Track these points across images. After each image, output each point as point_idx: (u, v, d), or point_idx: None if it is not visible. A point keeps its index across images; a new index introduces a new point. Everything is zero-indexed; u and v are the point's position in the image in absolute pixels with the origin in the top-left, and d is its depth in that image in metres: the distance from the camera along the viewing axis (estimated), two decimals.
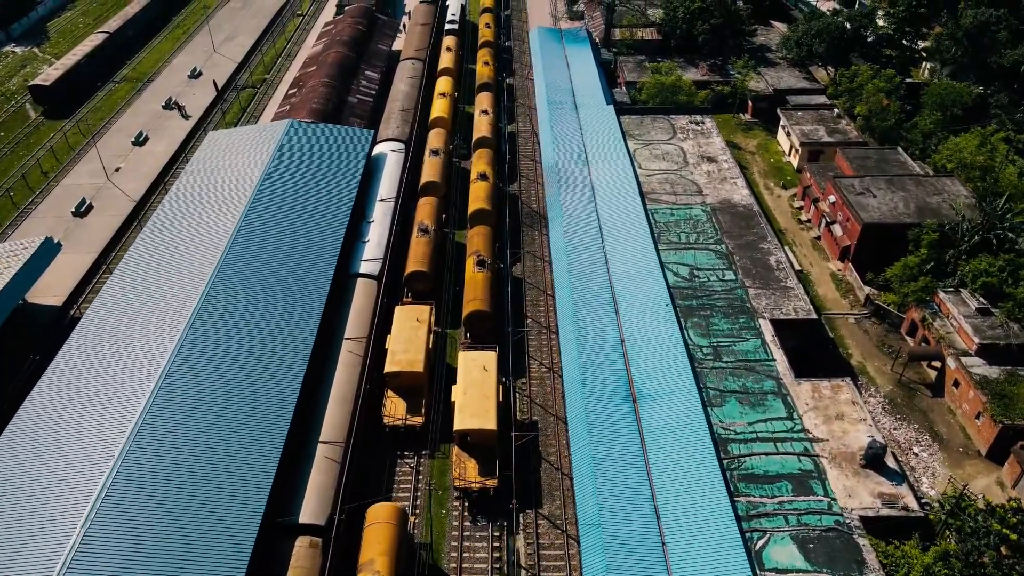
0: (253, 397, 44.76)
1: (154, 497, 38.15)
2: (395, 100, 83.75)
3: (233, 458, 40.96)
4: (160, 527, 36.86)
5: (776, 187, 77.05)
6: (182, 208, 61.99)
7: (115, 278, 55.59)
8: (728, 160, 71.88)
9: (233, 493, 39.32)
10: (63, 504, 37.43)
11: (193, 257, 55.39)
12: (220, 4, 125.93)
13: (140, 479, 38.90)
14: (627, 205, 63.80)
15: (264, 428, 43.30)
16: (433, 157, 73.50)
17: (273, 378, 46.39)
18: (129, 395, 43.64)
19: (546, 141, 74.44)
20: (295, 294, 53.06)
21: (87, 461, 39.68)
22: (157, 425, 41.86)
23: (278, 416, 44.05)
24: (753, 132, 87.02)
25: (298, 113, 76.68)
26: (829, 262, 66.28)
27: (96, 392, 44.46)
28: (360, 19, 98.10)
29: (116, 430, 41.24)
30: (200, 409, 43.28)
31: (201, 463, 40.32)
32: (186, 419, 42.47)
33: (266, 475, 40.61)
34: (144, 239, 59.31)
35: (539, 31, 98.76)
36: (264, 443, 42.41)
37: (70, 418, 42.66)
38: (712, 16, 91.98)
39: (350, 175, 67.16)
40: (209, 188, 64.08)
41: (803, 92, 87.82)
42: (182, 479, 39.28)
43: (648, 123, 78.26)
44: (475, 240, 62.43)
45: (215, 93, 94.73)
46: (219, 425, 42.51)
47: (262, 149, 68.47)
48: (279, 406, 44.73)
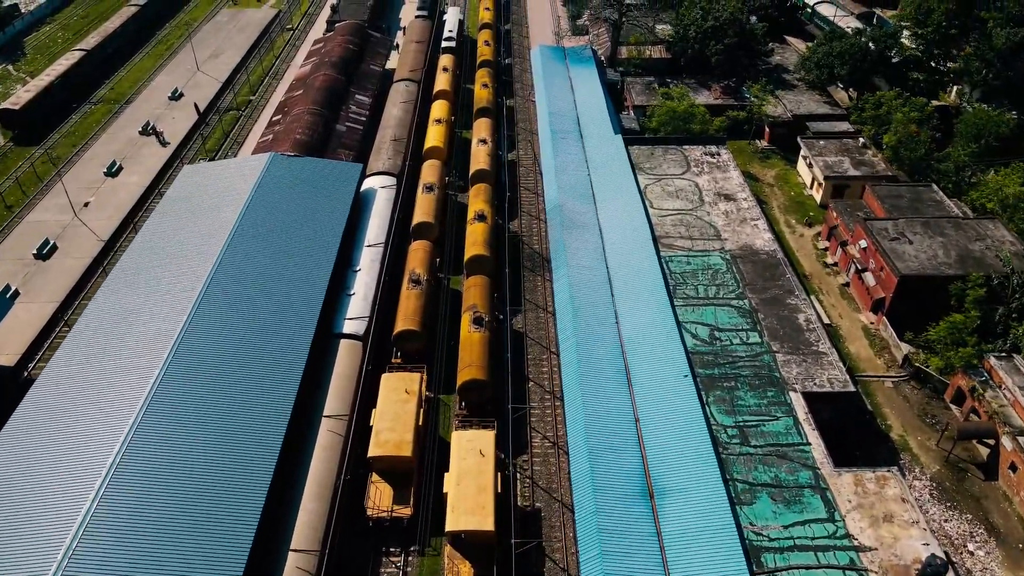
0: (217, 494, 38.99)
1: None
2: (387, 127, 77.94)
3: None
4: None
5: (799, 225, 71.19)
6: (149, 256, 56.23)
7: (73, 337, 49.93)
8: (747, 198, 66.01)
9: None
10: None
11: (157, 317, 49.63)
12: (206, 18, 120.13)
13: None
14: (639, 253, 57.97)
15: (227, 532, 37.54)
16: (427, 193, 67.69)
17: (240, 470, 40.59)
18: (77, 479, 38.25)
19: (549, 176, 68.59)
20: (270, 364, 47.20)
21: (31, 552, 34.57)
22: (104, 522, 36.35)
23: (243, 519, 38.25)
24: (771, 161, 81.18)
25: (281, 144, 70.87)
26: (860, 314, 60.43)
27: (41, 471, 39.13)
28: (351, 37, 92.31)
29: (60, 520, 35.92)
30: (158, 509, 37.62)
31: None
32: (141, 518, 36.91)
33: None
34: (106, 291, 53.58)
35: (541, 50, 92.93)
36: (226, 552, 36.65)
37: (10, 501, 37.45)
38: (726, 35, 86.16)
39: (336, 217, 61.36)
40: (180, 233, 58.33)
41: (824, 118, 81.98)
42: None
43: (659, 155, 72.42)
44: (472, 293, 56.60)
45: (196, 116, 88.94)
46: (174, 530, 36.74)
47: (239, 187, 62.72)
48: (245, 506, 38.91)
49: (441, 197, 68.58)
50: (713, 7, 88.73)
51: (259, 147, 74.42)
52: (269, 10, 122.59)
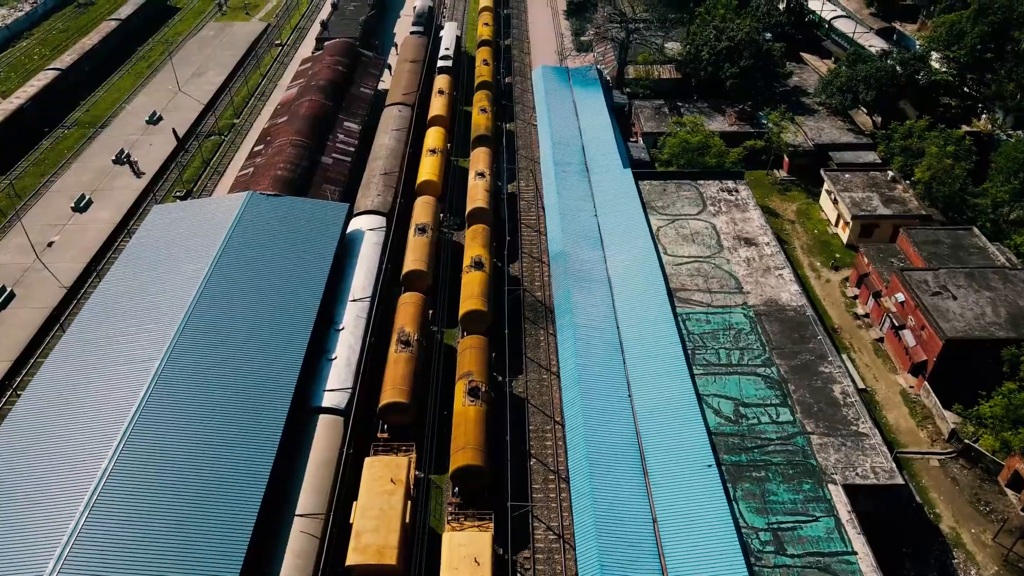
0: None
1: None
2: (377, 159, 72.16)
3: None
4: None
5: (824, 268, 65.38)
6: (107, 315, 50.48)
7: (20, 408, 44.33)
8: (770, 242, 60.19)
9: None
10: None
11: (106, 398, 43.84)
12: (191, 32, 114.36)
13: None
14: (653, 310, 52.17)
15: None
16: (419, 236, 61.90)
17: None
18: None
19: (552, 218, 62.76)
20: (236, 455, 41.39)
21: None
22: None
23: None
24: (791, 194, 75.37)
25: (260, 180, 65.11)
26: (898, 375, 54.62)
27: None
28: (340, 57, 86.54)
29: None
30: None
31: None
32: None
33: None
34: (59, 355, 47.92)
35: (543, 71, 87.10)
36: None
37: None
38: (741, 57, 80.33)
39: (318, 267, 55.57)
40: (143, 288, 52.58)
41: (849, 147, 76.13)
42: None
43: (672, 191, 66.61)
44: (467, 356, 50.82)
45: (175, 143, 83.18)
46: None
47: (212, 233, 57.04)
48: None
49: (434, 240, 62.77)
50: (727, 26, 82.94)
51: (237, 182, 68.64)
52: (258, 23, 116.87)
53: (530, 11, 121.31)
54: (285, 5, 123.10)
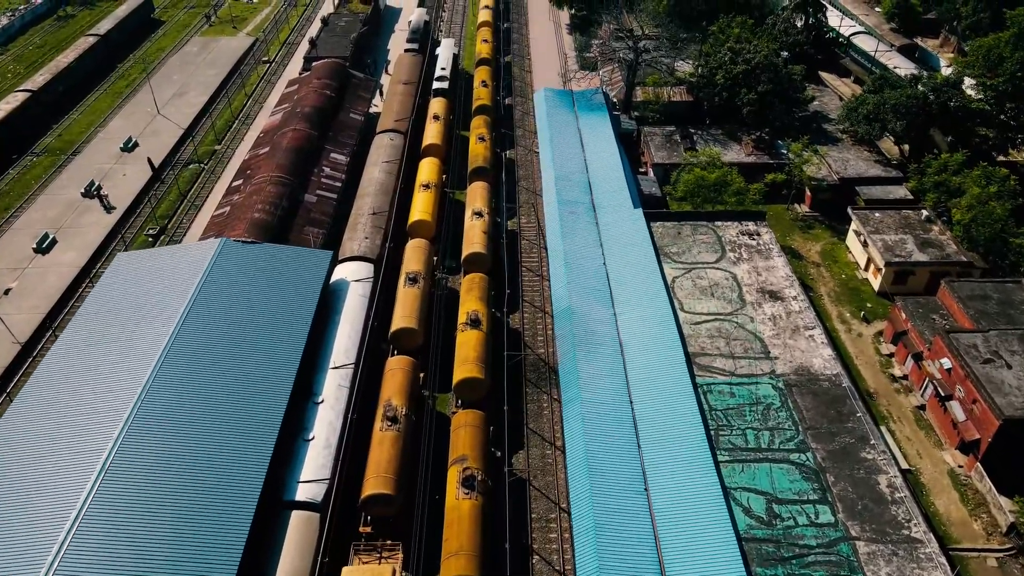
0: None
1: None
2: (365, 195, 66.40)
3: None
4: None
5: (854, 320, 59.58)
6: (59, 383, 44.84)
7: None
8: (798, 296, 54.42)
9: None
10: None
11: (53, 484, 38.30)
12: (174, 48, 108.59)
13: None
14: (670, 382, 46.38)
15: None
16: (410, 287, 56.13)
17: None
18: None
19: (557, 267, 56.93)
20: (196, 557, 35.79)
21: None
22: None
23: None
24: (815, 232, 69.57)
25: (236, 224, 59.35)
26: (944, 451, 48.83)
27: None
28: (329, 80, 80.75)
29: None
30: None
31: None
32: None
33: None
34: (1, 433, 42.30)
35: (546, 95, 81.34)
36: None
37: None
38: (759, 82, 74.51)
39: (296, 326, 49.92)
40: (99, 350, 46.95)
41: (877, 181, 70.32)
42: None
43: (688, 234, 60.85)
44: (462, 437, 45.04)
45: (150, 173, 77.44)
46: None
47: (180, 287, 51.48)
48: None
49: (427, 290, 56.99)
50: (743, 48, 77.13)
51: (212, 224, 62.84)
52: (245, 38, 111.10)
53: (531, 25, 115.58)
54: (274, 19, 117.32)
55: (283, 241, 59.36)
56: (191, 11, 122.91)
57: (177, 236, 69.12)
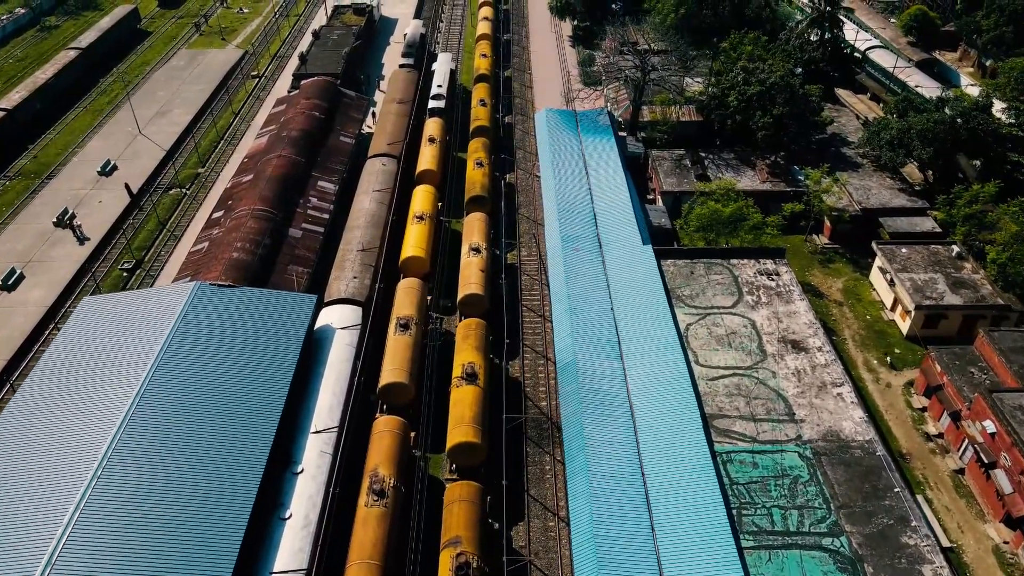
0: None
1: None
2: (355, 228, 61.98)
3: None
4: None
5: (882, 368, 55.13)
6: (11, 447, 40.53)
7: None
8: (823, 347, 49.96)
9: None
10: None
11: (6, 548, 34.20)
12: (160, 61, 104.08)
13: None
14: (687, 452, 41.92)
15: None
16: (401, 335, 51.65)
17: None
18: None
19: (560, 314, 52.37)
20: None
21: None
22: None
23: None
24: (835, 266, 65.12)
25: (213, 265, 54.91)
26: (986, 524, 44.38)
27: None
28: (318, 100, 76.25)
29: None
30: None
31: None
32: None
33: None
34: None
35: (548, 116, 76.85)
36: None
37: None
38: (774, 103, 70.02)
39: (275, 382, 45.54)
40: (58, 411, 42.64)
41: (901, 212, 65.82)
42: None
43: (701, 274, 56.41)
44: (455, 515, 40.58)
45: (128, 199, 73.01)
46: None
47: (148, 338, 47.16)
48: None
49: (419, 337, 52.51)
50: (757, 67, 72.65)
51: (188, 262, 58.36)
52: (234, 51, 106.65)
53: (532, 37, 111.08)
54: (264, 30, 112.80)
55: (265, 282, 54.97)
56: (179, 21, 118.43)
57: (153, 271, 64.71)
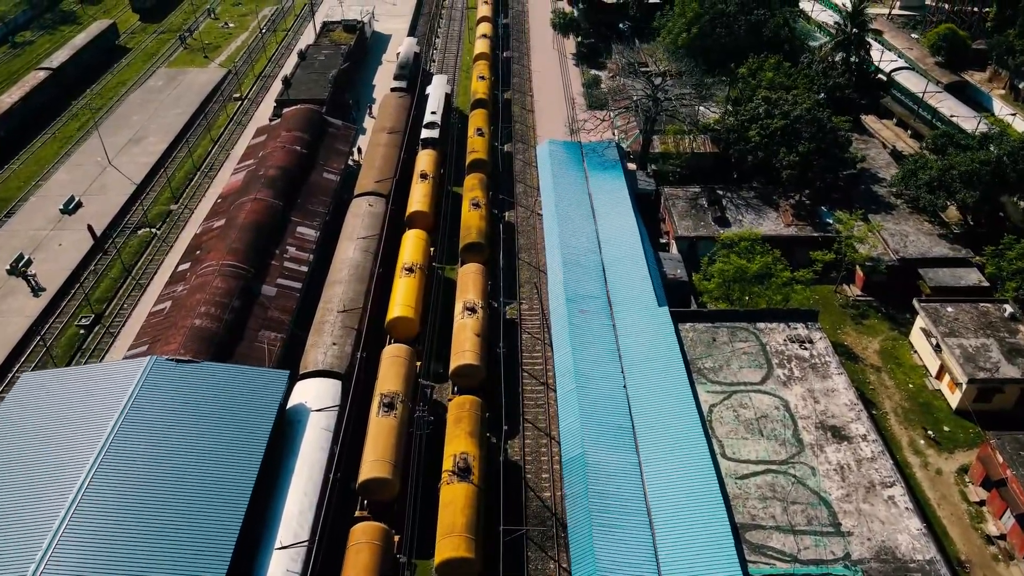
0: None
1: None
2: (336, 283, 55.68)
3: None
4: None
5: (930, 449, 48.74)
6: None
7: None
8: (867, 434, 43.58)
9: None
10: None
11: None
12: (137, 82, 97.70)
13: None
14: (714, 570, 35.60)
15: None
16: (385, 416, 45.30)
17: None
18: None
19: (567, 395, 45.93)
20: None
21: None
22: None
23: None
24: (869, 323, 58.77)
25: (173, 333, 48.51)
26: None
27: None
28: (300, 132, 69.85)
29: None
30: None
31: None
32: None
33: None
34: None
35: (551, 149, 70.50)
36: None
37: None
38: (800, 139, 63.66)
39: (236, 483, 39.34)
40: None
41: (943, 262, 59.42)
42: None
43: (724, 341, 50.05)
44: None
45: (91, 242, 66.71)
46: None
47: (94, 422, 41.42)
48: None
49: (405, 417, 46.12)
50: (781, 98, 66.28)
51: (147, 326, 51.96)
52: (216, 70, 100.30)
53: (533, 54, 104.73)
54: (249, 47, 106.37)
55: (232, 353, 48.60)
56: (160, 37, 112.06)
57: (114, 327, 58.42)
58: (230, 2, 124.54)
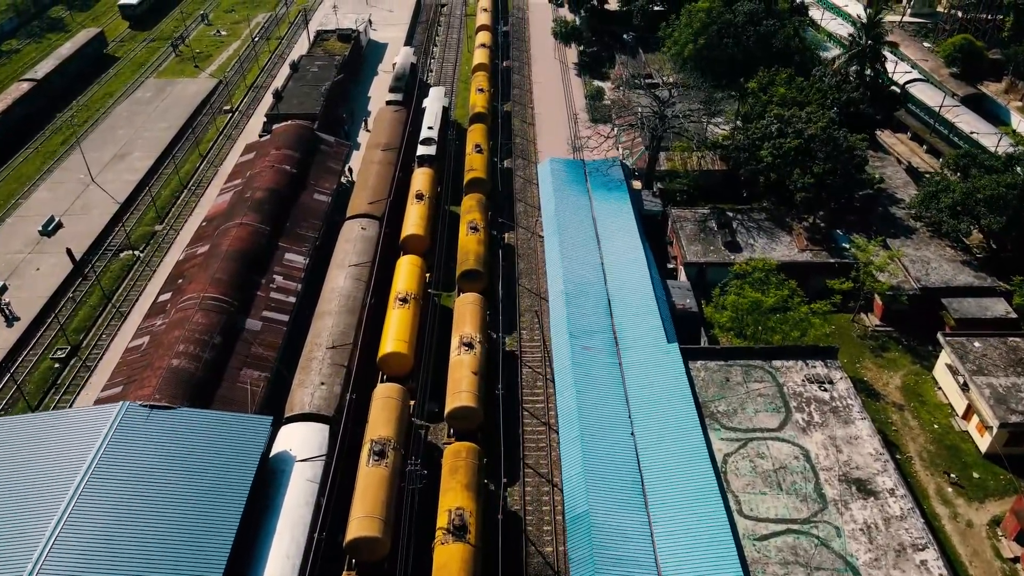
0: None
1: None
2: (325, 314, 52.53)
3: None
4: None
5: (958, 499, 45.53)
6: None
7: None
8: (896, 488, 40.40)
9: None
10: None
11: None
12: (125, 93, 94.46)
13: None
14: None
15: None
16: (376, 465, 42.15)
17: None
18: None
19: (570, 443, 42.72)
20: None
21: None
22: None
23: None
24: (890, 355, 55.60)
25: (149, 375, 45.36)
26: None
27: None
28: (291, 151, 66.66)
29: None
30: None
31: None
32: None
33: None
34: None
35: (552, 168, 67.36)
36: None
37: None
38: (814, 159, 60.48)
39: (212, 544, 36.17)
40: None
41: (968, 292, 56.22)
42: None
43: (738, 380, 46.89)
44: None
45: (71, 266, 63.56)
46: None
47: (62, 474, 38.58)
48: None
49: (398, 466, 42.94)
50: (794, 115, 63.11)
51: (122, 364, 48.70)
52: (207, 81, 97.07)
53: (534, 64, 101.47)
54: (241, 56, 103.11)
55: (212, 396, 45.44)
56: (150, 45, 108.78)
57: (91, 360, 55.31)
58: (223, 8, 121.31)
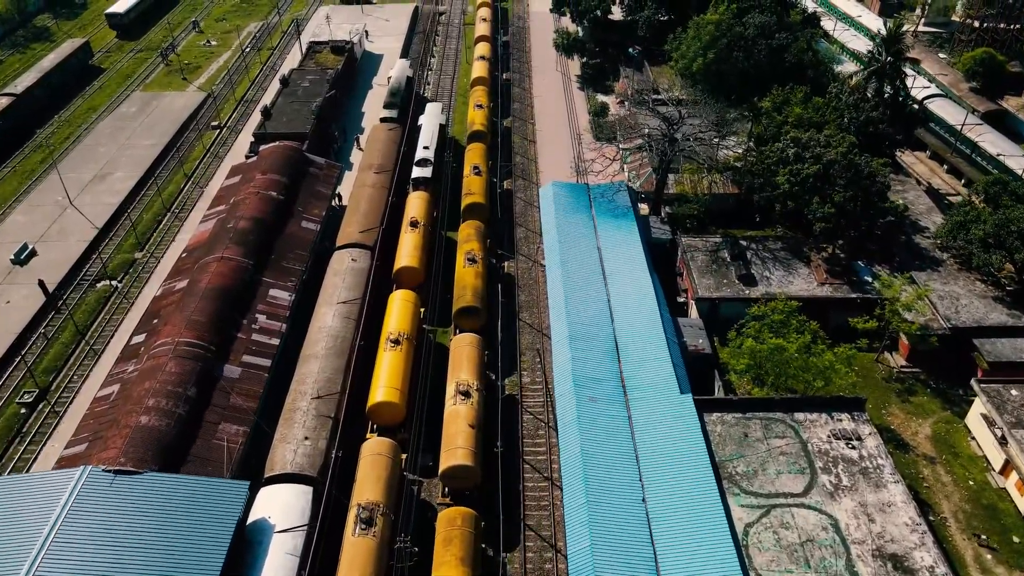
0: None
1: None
2: (311, 358, 48.81)
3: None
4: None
5: (999, 567, 41.68)
6: None
7: None
8: (937, 565, 36.57)
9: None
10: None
11: None
12: (108, 107, 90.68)
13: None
14: None
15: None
16: (363, 534, 38.40)
17: None
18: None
19: (575, 510, 38.87)
20: None
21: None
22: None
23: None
24: (917, 400, 51.78)
25: (114, 433, 41.57)
26: None
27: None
28: (277, 176, 62.91)
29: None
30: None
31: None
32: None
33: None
34: None
35: (555, 192, 63.60)
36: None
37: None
38: (834, 186, 56.71)
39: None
40: None
41: (1002, 332, 52.40)
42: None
43: (758, 436, 43.09)
44: None
45: (43, 299, 59.84)
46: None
47: (17, 545, 35.53)
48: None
49: (386, 537, 39.17)
50: (811, 139, 59.35)
51: (90, 414, 44.88)
52: (195, 94, 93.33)
53: (535, 76, 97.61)
54: (230, 69, 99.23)
55: (186, 450, 41.69)
56: (138, 56, 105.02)
57: (60, 404, 51.59)
58: (213, 17, 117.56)
